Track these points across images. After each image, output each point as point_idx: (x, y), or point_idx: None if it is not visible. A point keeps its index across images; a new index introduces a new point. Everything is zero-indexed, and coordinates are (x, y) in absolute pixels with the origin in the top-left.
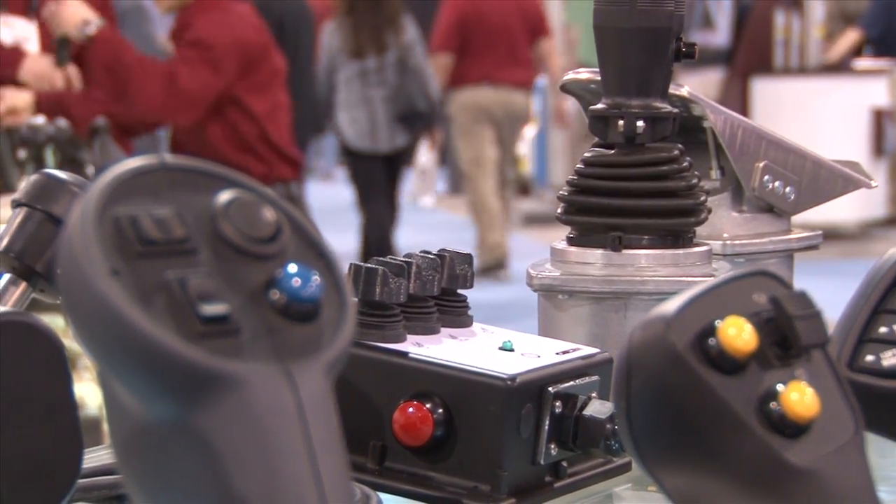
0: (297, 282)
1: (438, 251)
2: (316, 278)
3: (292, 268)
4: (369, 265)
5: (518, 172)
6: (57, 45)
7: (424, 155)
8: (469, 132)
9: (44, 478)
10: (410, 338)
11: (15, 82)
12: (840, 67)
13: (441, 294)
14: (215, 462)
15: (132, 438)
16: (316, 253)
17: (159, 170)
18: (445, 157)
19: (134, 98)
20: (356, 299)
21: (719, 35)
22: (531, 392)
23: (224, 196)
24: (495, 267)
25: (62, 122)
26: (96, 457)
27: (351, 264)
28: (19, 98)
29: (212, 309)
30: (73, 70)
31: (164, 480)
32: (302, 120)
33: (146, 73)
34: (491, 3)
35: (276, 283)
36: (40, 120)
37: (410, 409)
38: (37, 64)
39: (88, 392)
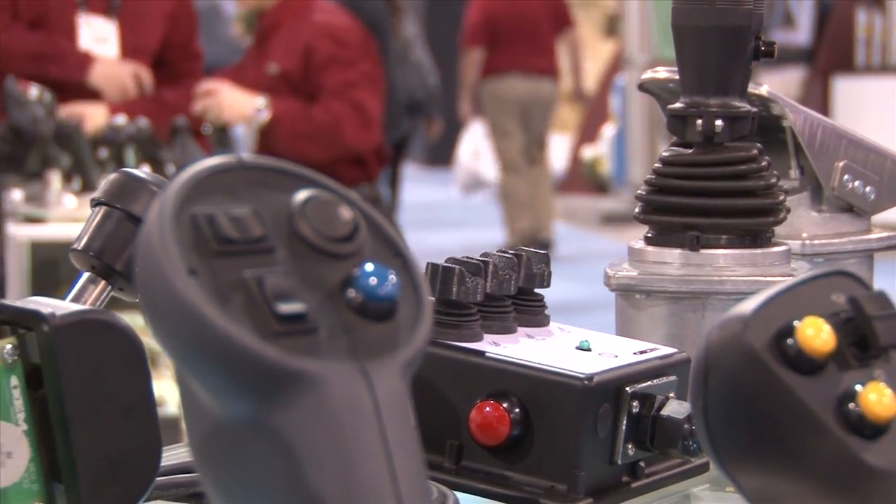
0: (373, 281)
1: (515, 250)
2: (392, 277)
3: (369, 267)
4: (446, 264)
5: (595, 172)
6: (215, 135)
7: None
8: (496, 125)
9: (123, 475)
10: (487, 337)
11: (83, 86)
12: None
13: (518, 293)
14: (292, 460)
15: (209, 436)
16: (393, 252)
17: (237, 168)
18: None
19: (349, 145)
20: (433, 298)
21: (800, 33)
22: (608, 392)
23: (301, 195)
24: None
25: (143, 122)
26: (175, 454)
27: (428, 263)
28: (98, 115)
29: (289, 308)
30: (143, 72)
31: (240, 478)
32: (387, 118)
33: (337, 118)
34: None
35: (352, 281)
36: (121, 120)
37: (487, 409)
38: (109, 68)
39: (168, 390)
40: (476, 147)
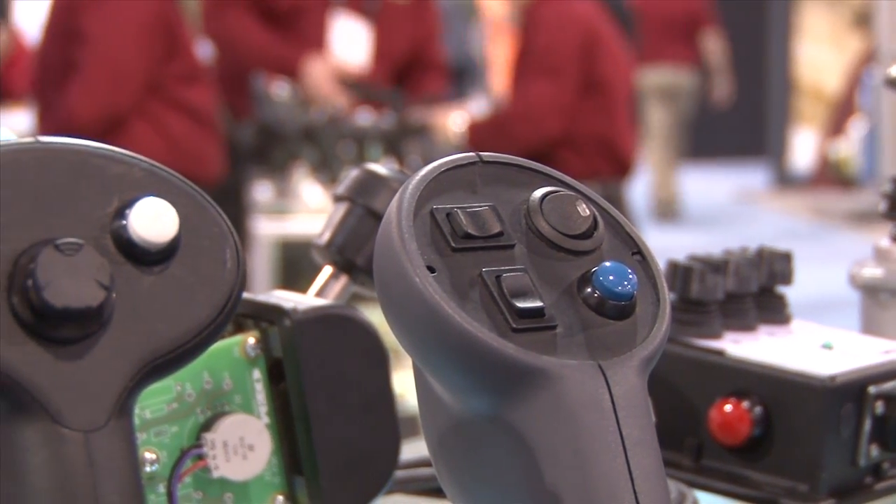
0: (611, 278)
1: (757, 249)
2: (631, 275)
3: (607, 264)
4: (686, 262)
5: (843, 169)
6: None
7: None
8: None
9: (362, 469)
10: (727, 335)
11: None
12: None
13: (760, 291)
14: (528, 456)
15: (445, 432)
16: (632, 249)
17: (475, 164)
18: (767, 147)
19: (520, 144)
20: (673, 296)
21: None
22: (851, 392)
23: (539, 191)
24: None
25: (387, 120)
26: (415, 448)
27: (668, 261)
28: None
29: (527, 304)
30: (342, 84)
31: (476, 474)
32: None
33: (504, 120)
34: None
35: (590, 279)
36: (366, 117)
37: (727, 408)
38: (313, 80)
39: (409, 384)
40: None
